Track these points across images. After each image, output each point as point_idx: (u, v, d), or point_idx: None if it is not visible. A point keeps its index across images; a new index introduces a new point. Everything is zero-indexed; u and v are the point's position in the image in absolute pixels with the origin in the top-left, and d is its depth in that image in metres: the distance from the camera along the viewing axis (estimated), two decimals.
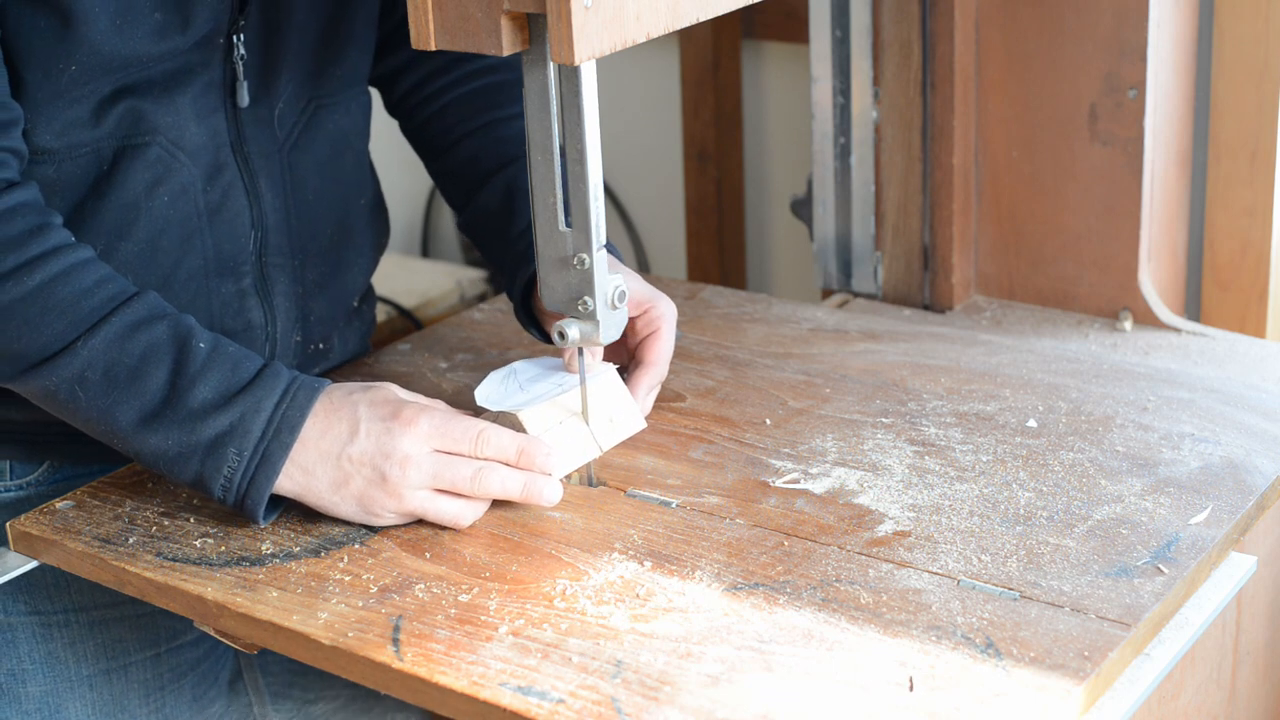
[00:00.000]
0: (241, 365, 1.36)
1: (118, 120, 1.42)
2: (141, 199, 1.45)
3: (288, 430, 1.34)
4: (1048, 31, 1.81)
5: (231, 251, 1.52)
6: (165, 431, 1.34)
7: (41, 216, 1.37)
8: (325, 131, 1.58)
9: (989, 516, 1.36)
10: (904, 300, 1.96)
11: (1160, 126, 1.82)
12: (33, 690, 1.57)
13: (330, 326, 1.64)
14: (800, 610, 1.24)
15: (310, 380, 1.38)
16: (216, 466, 1.34)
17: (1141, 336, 1.81)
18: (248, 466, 1.34)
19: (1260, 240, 1.88)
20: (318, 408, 1.36)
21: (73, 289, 1.35)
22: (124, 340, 1.34)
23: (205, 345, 1.36)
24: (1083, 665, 1.15)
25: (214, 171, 1.49)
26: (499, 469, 1.36)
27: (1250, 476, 1.40)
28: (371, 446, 1.34)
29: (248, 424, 1.34)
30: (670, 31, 1.22)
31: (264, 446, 1.34)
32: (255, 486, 1.34)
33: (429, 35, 1.21)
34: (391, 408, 1.36)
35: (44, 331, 1.34)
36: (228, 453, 1.34)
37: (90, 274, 1.36)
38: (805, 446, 1.49)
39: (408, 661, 1.20)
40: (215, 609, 1.30)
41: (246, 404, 1.34)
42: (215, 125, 1.48)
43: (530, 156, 1.35)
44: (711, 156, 2.72)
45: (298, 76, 1.54)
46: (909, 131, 1.89)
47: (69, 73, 1.38)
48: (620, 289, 1.39)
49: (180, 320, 1.38)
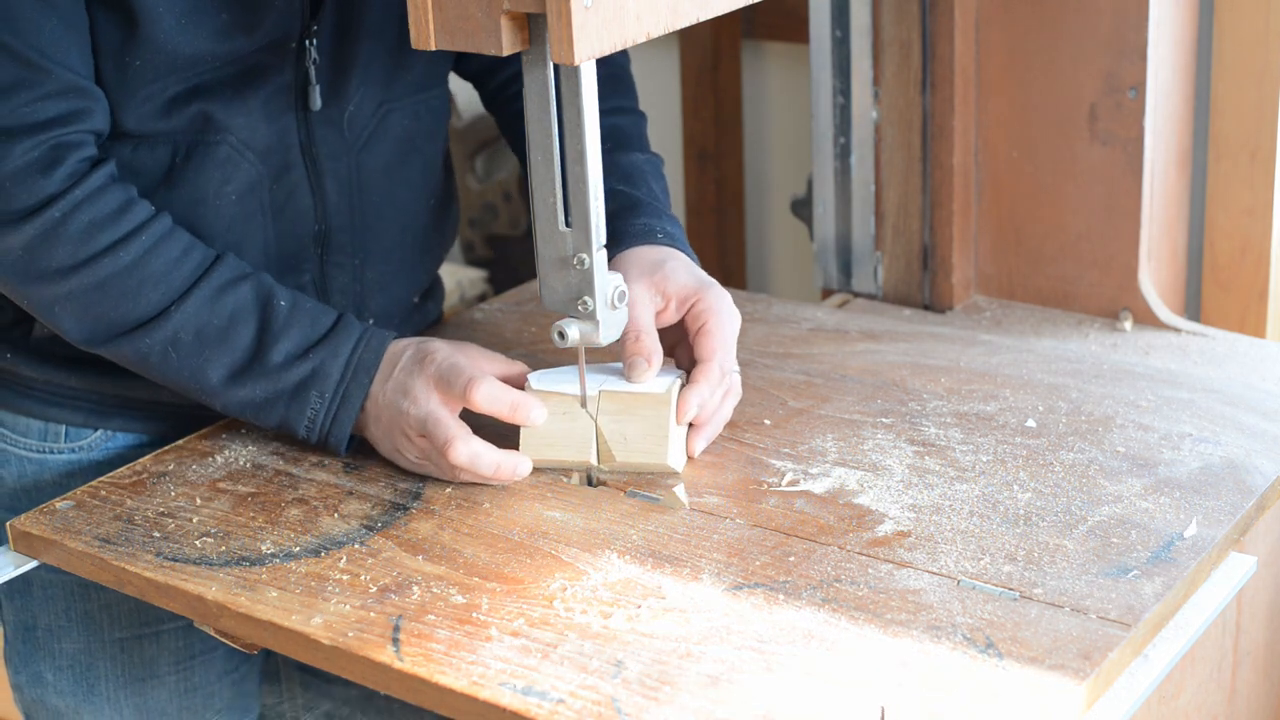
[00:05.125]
0: (319, 319, 1.47)
1: (189, 119, 1.47)
2: (210, 194, 1.50)
3: (364, 373, 1.45)
4: (1048, 31, 1.81)
5: (293, 249, 1.56)
6: (253, 384, 1.45)
7: (126, 192, 1.44)
8: (394, 135, 1.60)
9: (989, 516, 1.36)
10: (904, 300, 1.96)
11: (1160, 126, 1.82)
12: (67, 647, 1.62)
13: (386, 324, 1.65)
14: (800, 610, 1.24)
15: (380, 331, 1.48)
16: (300, 409, 1.46)
17: (1141, 336, 1.81)
18: (329, 407, 1.45)
19: (1260, 240, 1.88)
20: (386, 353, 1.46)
21: (164, 259, 1.43)
22: (213, 303, 1.44)
23: (286, 303, 1.46)
24: (1083, 665, 1.15)
25: (281, 171, 1.53)
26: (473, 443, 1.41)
27: (1250, 477, 1.40)
28: (395, 385, 1.44)
29: (328, 369, 1.45)
30: (670, 31, 1.22)
31: (343, 388, 1.45)
32: (337, 424, 1.46)
33: (429, 35, 1.21)
34: (424, 352, 1.44)
35: (141, 301, 1.43)
36: (310, 396, 1.45)
37: (177, 243, 1.45)
38: (805, 446, 1.49)
39: (408, 661, 1.20)
40: (215, 609, 1.30)
41: (325, 352, 1.45)
42: (285, 126, 1.51)
43: (530, 156, 1.35)
44: (711, 156, 2.72)
45: (370, 80, 1.56)
46: (909, 131, 1.89)
47: (134, 67, 1.43)
48: (620, 289, 1.39)
49: (261, 280, 1.47)
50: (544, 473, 1.47)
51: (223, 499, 1.45)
